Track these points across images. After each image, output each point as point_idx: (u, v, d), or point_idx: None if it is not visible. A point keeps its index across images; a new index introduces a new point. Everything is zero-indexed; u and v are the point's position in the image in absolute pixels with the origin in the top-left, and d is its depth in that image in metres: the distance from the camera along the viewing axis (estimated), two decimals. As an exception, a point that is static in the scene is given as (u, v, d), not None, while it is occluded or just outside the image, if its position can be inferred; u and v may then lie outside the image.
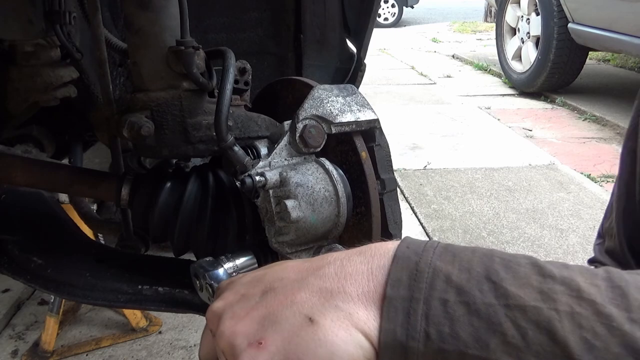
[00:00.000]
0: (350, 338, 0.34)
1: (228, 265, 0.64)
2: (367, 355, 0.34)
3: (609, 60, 6.42)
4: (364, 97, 0.72)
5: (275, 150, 0.68)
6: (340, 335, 0.34)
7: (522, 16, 5.05)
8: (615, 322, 0.30)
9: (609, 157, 3.36)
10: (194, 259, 0.78)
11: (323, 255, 0.41)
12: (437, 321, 0.32)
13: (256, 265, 0.69)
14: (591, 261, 0.87)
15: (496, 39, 5.53)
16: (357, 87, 0.93)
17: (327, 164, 0.68)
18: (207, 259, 0.64)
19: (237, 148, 0.68)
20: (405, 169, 3.22)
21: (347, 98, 0.70)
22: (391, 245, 0.38)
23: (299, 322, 0.36)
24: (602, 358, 0.29)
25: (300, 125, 0.67)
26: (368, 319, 0.35)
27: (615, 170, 1.61)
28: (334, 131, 0.67)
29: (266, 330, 0.37)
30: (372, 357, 0.34)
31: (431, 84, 5.75)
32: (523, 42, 5.07)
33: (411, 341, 0.32)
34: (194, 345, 1.73)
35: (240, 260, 0.67)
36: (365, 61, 1.50)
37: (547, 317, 0.31)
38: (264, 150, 0.73)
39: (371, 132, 0.71)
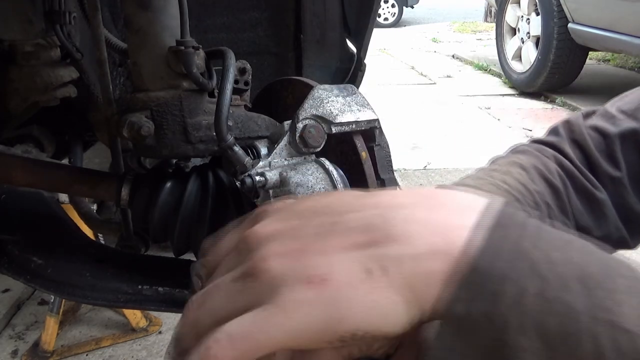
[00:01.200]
0: (402, 302, 0.30)
1: None
2: (412, 322, 0.30)
3: (609, 60, 6.42)
4: (364, 97, 0.72)
5: (275, 150, 0.68)
6: (394, 299, 0.29)
7: (522, 16, 5.06)
8: None
9: (609, 157, 3.35)
10: (194, 259, 0.78)
11: (396, 192, 0.34)
12: (505, 308, 0.28)
13: None
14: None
15: (496, 39, 5.53)
16: (357, 87, 0.93)
17: (327, 164, 0.68)
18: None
19: (237, 148, 0.68)
20: (405, 169, 3.22)
21: (347, 98, 0.70)
22: (490, 206, 0.32)
23: (356, 274, 0.30)
24: None
25: (300, 125, 0.67)
26: (434, 285, 0.29)
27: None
28: (334, 131, 0.67)
29: (320, 272, 0.30)
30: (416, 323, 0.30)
31: (431, 84, 5.75)
32: (523, 42, 5.07)
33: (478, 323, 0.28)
34: (194, 345, 1.73)
35: None
36: (365, 61, 1.50)
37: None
38: (264, 150, 0.73)
39: (371, 132, 0.71)
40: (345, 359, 0.32)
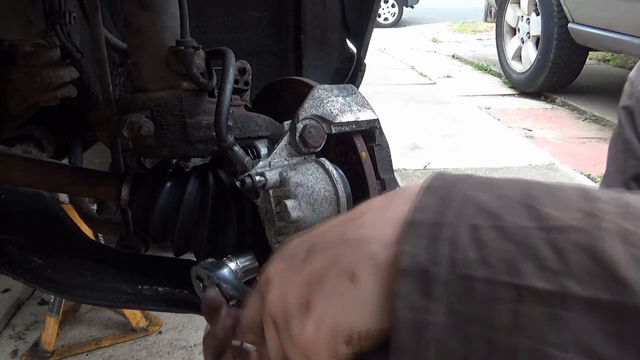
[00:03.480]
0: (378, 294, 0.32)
1: (232, 265, 0.64)
2: None
3: (609, 60, 6.42)
4: (364, 97, 0.72)
5: (275, 150, 0.68)
6: (379, 290, 0.32)
7: (522, 16, 5.06)
8: None
9: (609, 157, 3.36)
10: (194, 259, 0.78)
11: (365, 203, 0.37)
12: (465, 246, 0.29)
13: (257, 264, 0.69)
14: None
15: (496, 39, 5.53)
16: (357, 87, 0.93)
17: (327, 164, 0.68)
18: (209, 260, 0.64)
19: (237, 148, 0.68)
20: (405, 169, 3.22)
21: (347, 98, 0.70)
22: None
23: (340, 283, 0.33)
24: None
25: (300, 125, 0.67)
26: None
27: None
28: (334, 131, 0.67)
29: (312, 292, 0.34)
30: None
31: (431, 84, 5.75)
32: (523, 42, 5.07)
33: (433, 266, 0.29)
34: (194, 345, 1.73)
35: (242, 261, 0.67)
36: (365, 61, 1.50)
37: (591, 236, 0.28)
38: (264, 150, 0.73)
39: (371, 132, 0.71)
40: None
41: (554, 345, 0.27)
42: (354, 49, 1.49)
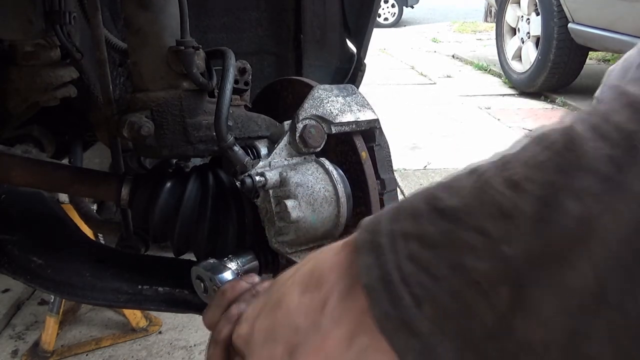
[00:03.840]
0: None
1: (232, 265, 0.64)
2: None
3: (609, 60, 6.41)
4: (364, 97, 0.72)
5: (275, 150, 0.68)
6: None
7: (522, 16, 5.06)
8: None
9: (609, 157, 3.35)
10: (194, 259, 0.78)
11: (320, 283, 0.38)
12: (414, 278, 0.30)
13: (257, 264, 0.69)
14: None
15: (496, 39, 5.53)
16: (357, 87, 0.93)
17: (327, 164, 0.68)
18: (210, 260, 0.64)
19: (237, 148, 0.68)
20: (405, 169, 3.22)
21: (347, 98, 0.70)
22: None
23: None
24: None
25: (300, 125, 0.67)
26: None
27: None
28: (334, 131, 0.67)
29: None
30: None
31: (431, 84, 5.75)
32: (523, 42, 5.07)
33: (405, 314, 0.30)
34: (194, 345, 1.73)
35: (243, 261, 0.67)
36: (365, 61, 1.50)
37: (482, 189, 0.30)
38: (264, 150, 0.73)
39: (371, 132, 0.72)
40: None
41: None
42: (354, 49, 1.49)
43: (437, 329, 0.29)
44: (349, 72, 1.49)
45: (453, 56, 7.45)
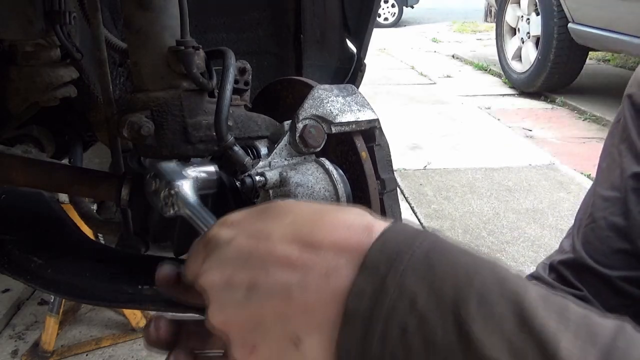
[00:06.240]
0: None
1: (193, 173, 0.63)
2: None
3: (609, 60, 6.42)
4: (364, 97, 0.72)
5: (275, 150, 0.68)
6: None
7: (522, 16, 5.06)
8: None
9: (609, 157, 3.35)
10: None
11: (314, 242, 0.36)
12: (393, 346, 0.30)
13: (215, 179, 0.68)
14: (532, 277, 0.81)
15: (496, 39, 5.53)
16: (357, 87, 0.93)
17: (327, 164, 0.68)
18: (172, 164, 0.62)
19: (237, 148, 0.68)
20: (405, 169, 3.22)
21: (347, 98, 0.70)
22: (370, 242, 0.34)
23: (285, 345, 0.34)
24: None
25: (300, 125, 0.67)
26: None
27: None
28: (334, 131, 0.68)
29: (257, 339, 0.35)
30: None
31: (431, 84, 5.75)
32: (523, 42, 5.07)
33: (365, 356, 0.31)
34: (194, 345, 1.73)
35: (204, 170, 0.66)
36: (365, 61, 1.50)
37: None
38: (264, 150, 0.73)
39: (371, 132, 0.71)
40: None
41: None
42: (354, 49, 1.49)
43: None
44: (349, 72, 1.49)
45: (453, 56, 7.45)
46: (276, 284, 0.35)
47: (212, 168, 0.68)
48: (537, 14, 4.71)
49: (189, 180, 0.59)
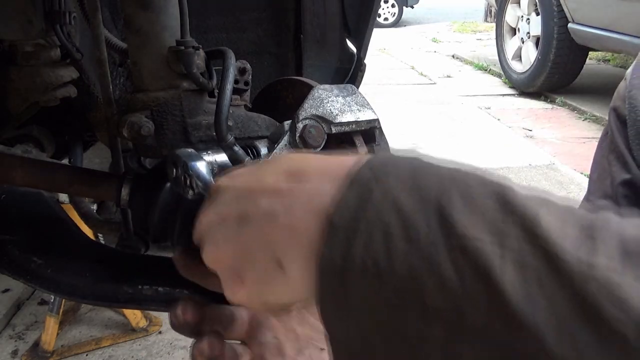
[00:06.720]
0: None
1: (209, 158, 0.64)
2: None
3: (609, 60, 6.42)
4: (364, 97, 0.72)
5: (275, 150, 0.68)
6: (306, 278, 0.34)
7: (522, 16, 5.06)
8: (569, 279, 0.26)
9: (609, 157, 3.35)
10: (194, 259, 0.78)
11: (299, 170, 0.37)
12: (377, 251, 0.30)
13: (230, 165, 0.69)
14: None
15: (496, 39, 5.53)
16: (357, 87, 0.93)
17: (327, 164, 0.68)
18: (189, 150, 0.63)
19: (237, 148, 0.68)
20: (405, 169, 3.22)
21: (347, 98, 0.70)
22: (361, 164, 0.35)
23: (270, 268, 0.36)
24: (546, 316, 0.25)
25: (300, 125, 0.67)
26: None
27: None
28: (334, 131, 0.68)
29: (244, 268, 0.37)
30: None
31: (431, 84, 5.75)
32: (523, 42, 5.07)
33: (349, 272, 0.30)
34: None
35: (220, 156, 0.68)
36: (365, 61, 1.50)
37: (488, 262, 0.27)
38: (264, 150, 0.73)
39: (371, 132, 0.72)
40: None
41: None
42: (354, 49, 1.49)
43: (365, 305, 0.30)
44: (349, 72, 1.49)
45: (453, 56, 7.45)
46: (264, 212, 0.36)
47: (224, 156, 0.69)
48: (537, 14, 4.71)
49: (203, 162, 0.60)
